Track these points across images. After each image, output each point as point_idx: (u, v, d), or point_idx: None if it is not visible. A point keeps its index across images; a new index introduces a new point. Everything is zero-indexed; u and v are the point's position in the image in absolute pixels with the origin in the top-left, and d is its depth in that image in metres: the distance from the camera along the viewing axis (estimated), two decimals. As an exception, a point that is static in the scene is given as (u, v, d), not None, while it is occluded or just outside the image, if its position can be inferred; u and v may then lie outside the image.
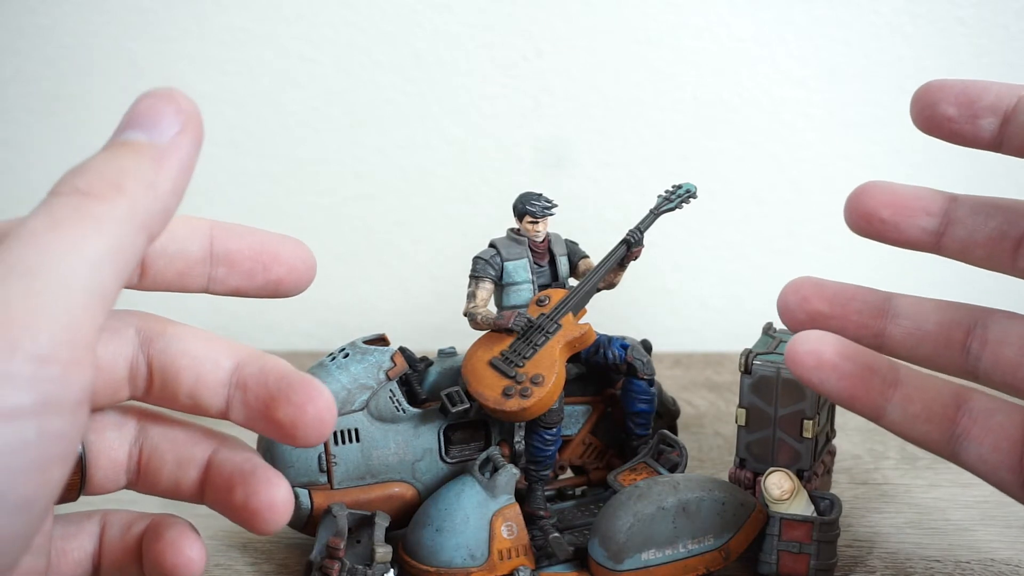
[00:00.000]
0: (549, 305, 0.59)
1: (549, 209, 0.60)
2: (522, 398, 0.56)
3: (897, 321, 0.43)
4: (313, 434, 0.36)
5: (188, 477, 0.38)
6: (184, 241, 0.38)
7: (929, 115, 0.44)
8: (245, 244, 0.39)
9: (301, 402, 0.36)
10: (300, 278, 0.41)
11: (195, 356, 0.38)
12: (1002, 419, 0.41)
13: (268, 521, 0.36)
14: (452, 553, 0.55)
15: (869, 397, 0.42)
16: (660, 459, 0.61)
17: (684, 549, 0.55)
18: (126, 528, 0.39)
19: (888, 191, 0.43)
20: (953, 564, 0.58)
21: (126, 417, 0.39)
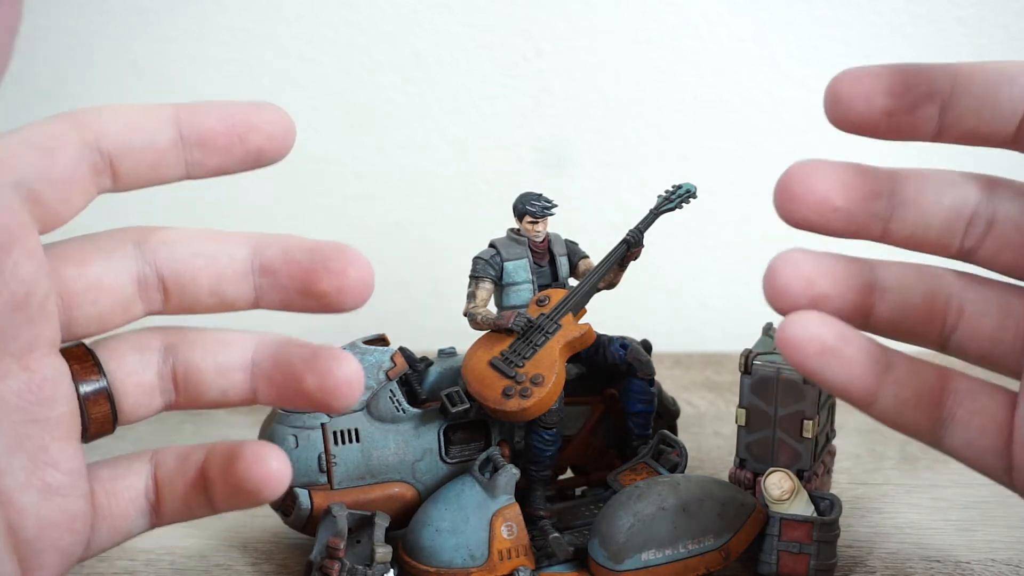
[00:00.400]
0: (549, 305, 0.59)
1: (549, 209, 0.60)
2: (522, 398, 0.56)
3: (884, 296, 0.39)
4: (360, 297, 0.36)
5: (234, 381, 0.38)
6: (149, 131, 0.37)
7: (861, 110, 0.37)
8: (215, 119, 0.38)
9: (341, 267, 0.36)
10: (281, 144, 0.39)
11: (207, 254, 0.38)
12: (986, 400, 0.39)
13: (347, 395, 0.36)
14: (452, 553, 0.55)
15: (866, 384, 0.38)
16: (660, 459, 0.61)
17: (684, 549, 0.55)
18: (183, 460, 0.39)
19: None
20: (953, 564, 0.58)
21: (146, 339, 0.39)
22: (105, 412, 0.38)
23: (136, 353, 0.38)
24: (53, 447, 0.36)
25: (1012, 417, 0.38)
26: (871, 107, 0.37)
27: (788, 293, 0.38)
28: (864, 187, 0.38)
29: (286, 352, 0.38)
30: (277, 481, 0.37)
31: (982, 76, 0.38)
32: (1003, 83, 0.37)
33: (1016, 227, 0.38)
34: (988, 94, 0.37)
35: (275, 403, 0.39)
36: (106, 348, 0.38)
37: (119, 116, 0.37)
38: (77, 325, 0.37)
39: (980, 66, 0.38)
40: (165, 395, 0.39)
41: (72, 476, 0.37)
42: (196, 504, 0.39)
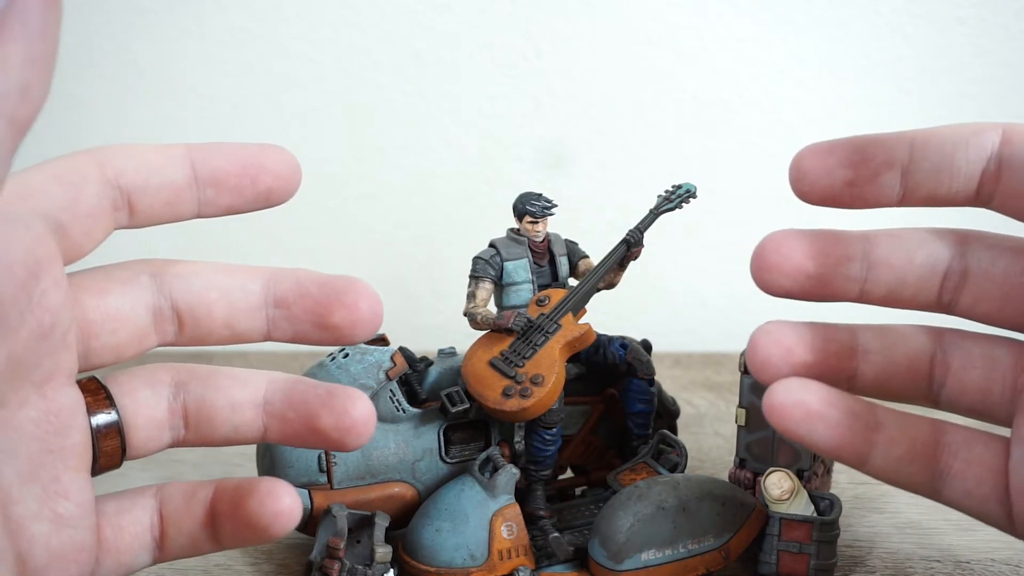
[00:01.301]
0: (549, 305, 0.59)
1: (549, 209, 0.60)
2: (522, 398, 0.56)
3: (868, 358, 0.40)
4: (370, 329, 0.38)
5: (246, 418, 0.38)
6: (164, 170, 0.38)
7: (824, 184, 0.39)
8: (228, 161, 0.39)
9: (353, 301, 0.38)
10: (288, 184, 0.40)
11: (221, 287, 0.38)
12: (981, 450, 0.39)
13: (362, 435, 0.37)
14: (452, 553, 0.55)
15: (855, 444, 0.39)
16: (660, 459, 0.61)
17: (684, 549, 0.55)
18: (189, 496, 0.39)
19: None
20: (953, 564, 0.58)
21: (158, 374, 0.39)
22: (115, 445, 0.38)
23: (148, 388, 0.39)
24: (66, 477, 0.36)
25: (1007, 465, 0.39)
26: (833, 180, 0.39)
27: (770, 364, 0.39)
28: (837, 252, 0.39)
29: (300, 391, 0.39)
30: (289, 517, 0.38)
31: (938, 141, 0.39)
32: (959, 146, 0.39)
33: (990, 279, 0.39)
34: (945, 158, 0.39)
35: (286, 441, 0.39)
36: (117, 382, 0.39)
37: (137, 155, 0.38)
38: (94, 355, 0.38)
39: (935, 131, 0.39)
40: (174, 431, 0.39)
41: (82, 508, 0.37)
42: (202, 540, 0.39)
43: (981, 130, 0.39)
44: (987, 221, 0.41)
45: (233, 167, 0.39)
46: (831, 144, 0.39)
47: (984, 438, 0.40)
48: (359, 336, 0.38)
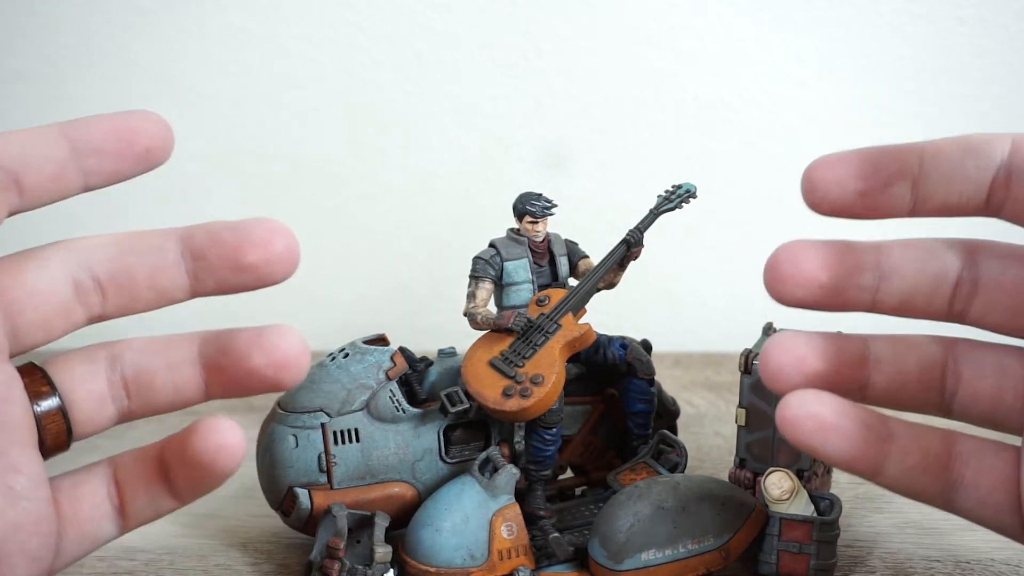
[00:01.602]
0: (549, 305, 0.59)
1: (549, 209, 0.60)
2: (522, 398, 0.56)
3: (879, 368, 0.40)
4: (288, 266, 0.38)
5: (186, 376, 0.39)
6: (42, 146, 0.38)
7: (836, 195, 0.39)
8: (102, 128, 0.39)
9: (266, 239, 0.38)
10: (164, 142, 0.41)
11: (138, 250, 0.39)
12: (993, 459, 0.39)
13: (296, 369, 0.37)
14: (452, 553, 0.55)
15: (868, 455, 0.39)
16: (660, 459, 0.61)
17: (684, 549, 0.55)
18: (141, 457, 0.39)
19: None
20: (953, 564, 0.58)
21: (93, 351, 0.40)
22: (60, 426, 0.38)
23: (84, 364, 0.39)
24: (13, 451, 0.36)
25: (1019, 474, 0.39)
26: (845, 191, 0.39)
27: (783, 374, 0.39)
28: (849, 263, 0.39)
29: (230, 337, 0.39)
30: (232, 451, 0.37)
31: (948, 151, 0.39)
32: (968, 156, 0.38)
33: (1000, 288, 0.39)
34: (956, 168, 0.38)
35: (229, 393, 0.39)
36: (54, 363, 0.39)
37: (12, 137, 0.38)
38: (23, 333, 0.38)
39: (946, 142, 0.39)
40: (117, 402, 0.39)
41: (34, 480, 0.37)
42: (159, 497, 0.39)
43: (991, 140, 0.39)
44: (997, 231, 0.41)
45: (108, 133, 0.39)
46: (842, 155, 0.39)
47: (995, 447, 0.40)
48: (278, 274, 0.38)
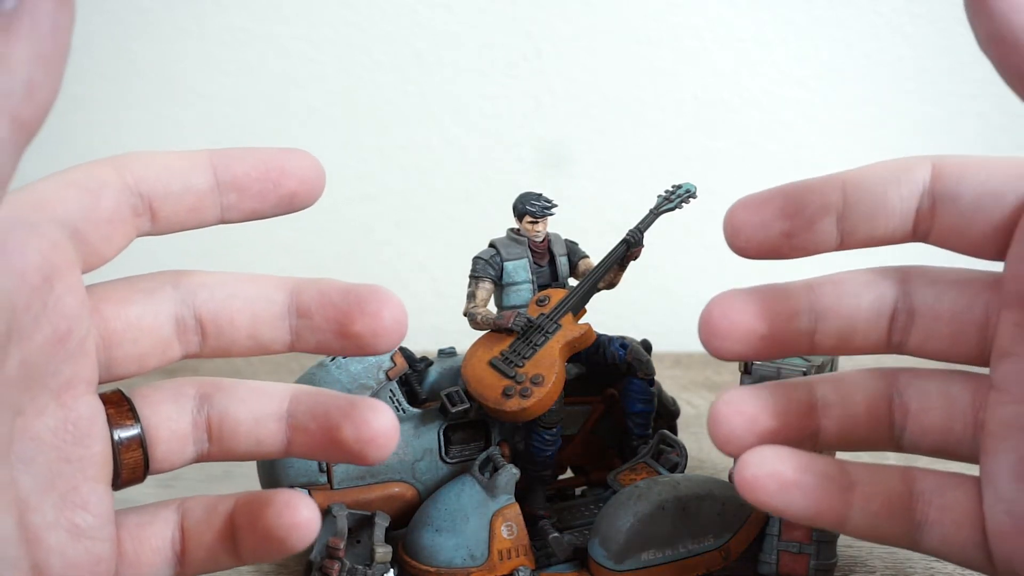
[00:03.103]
0: (549, 305, 0.59)
1: (549, 209, 0.60)
2: (522, 398, 0.56)
3: (828, 412, 0.39)
4: (394, 339, 0.37)
5: (269, 431, 0.38)
6: (186, 175, 0.38)
7: (761, 238, 0.38)
8: (250, 165, 0.38)
9: (376, 309, 0.37)
10: (312, 188, 0.40)
11: (245, 296, 0.38)
12: (954, 495, 0.38)
13: (384, 447, 0.37)
14: (452, 553, 0.55)
15: (832, 508, 0.38)
16: (660, 459, 0.61)
17: (684, 549, 0.55)
18: (211, 510, 0.39)
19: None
20: (953, 564, 0.58)
21: (182, 387, 0.39)
22: (137, 459, 0.37)
23: (171, 402, 0.38)
24: (84, 488, 0.36)
25: (980, 508, 0.38)
26: (770, 233, 0.38)
27: (735, 437, 0.38)
28: (783, 309, 0.39)
29: (322, 402, 0.38)
30: (307, 529, 0.37)
31: (869, 182, 0.38)
32: (890, 185, 0.38)
33: (937, 315, 0.39)
34: (878, 199, 0.38)
35: (309, 454, 0.39)
36: (141, 394, 0.38)
37: (158, 161, 0.38)
38: (116, 365, 0.37)
39: (866, 171, 0.39)
40: (198, 444, 0.39)
41: (100, 519, 0.36)
42: (222, 554, 0.39)
43: (911, 166, 0.38)
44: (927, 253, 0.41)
45: (256, 171, 0.38)
46: (763, 196, 0.38)
47: (956, 481, 0.39)
48: (382, 346, 0.37)
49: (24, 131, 0.29)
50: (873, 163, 0.39)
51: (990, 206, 0.37)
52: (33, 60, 0.29)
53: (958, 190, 0.37)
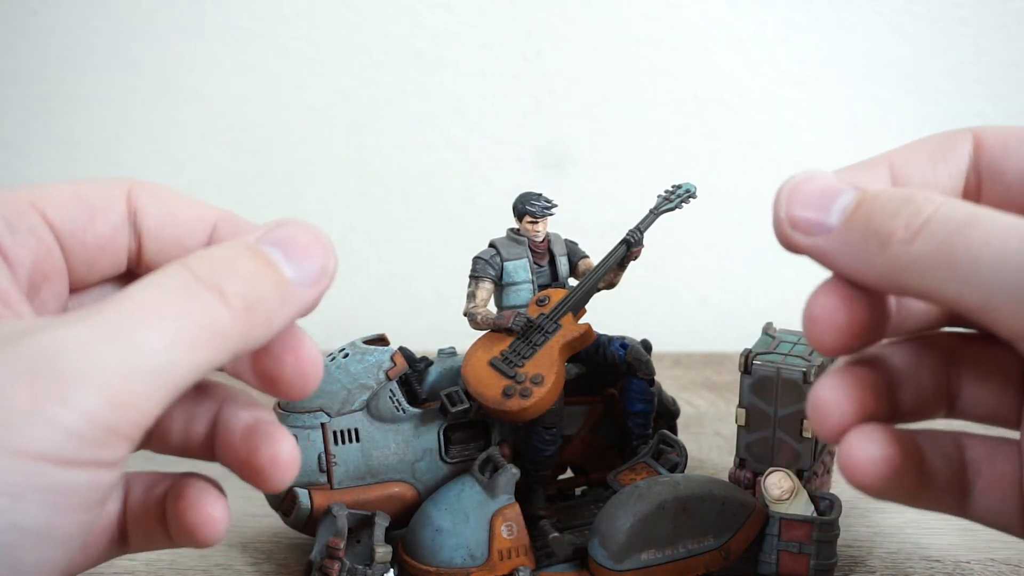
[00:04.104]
0: (549, 305, 0.59)
1: (549, 209, 0.60)
2: (522, 398, 0.56)
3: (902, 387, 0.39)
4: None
5: (196, 433, 0.38)
6: (184, 227, 0.37)
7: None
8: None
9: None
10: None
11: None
12: (1003, 465, 0.38)
13: (272, 477, 0.36)
14: (452, 553, 0.55)
15: (909, 486, 0.38)
16: (660, 459, 0.61)
17: (684, 549, 0.55)
18: (149, 488, 0.38)
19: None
20: (953, 564, 0.58)
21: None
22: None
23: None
24: None
25: (1021, 475, 0.38)
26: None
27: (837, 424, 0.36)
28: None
29: (245, 417, 0.37)
30: (212, 528, 0.36)
31: (918, 161, 0.38)
32: (938, 162, 0.38)
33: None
34: (927, 177, 0.38)
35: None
36: None
37: (166, 202, 0.37)
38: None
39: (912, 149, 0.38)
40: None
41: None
42: (158, 536, 0.38)
43: (955, 142, 0.38)
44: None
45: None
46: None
47: (1005, 450, 0.38)
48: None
49: (227, 360, 0.32)
50: (916, 141, 0.39)
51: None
52: (277, 328, 0.32)
53: (1003, 165, 0.37)
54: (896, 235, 0.32)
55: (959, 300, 0.32)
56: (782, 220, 0.35)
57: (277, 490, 0.37)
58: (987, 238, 0.31)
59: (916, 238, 0.32)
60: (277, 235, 0.34)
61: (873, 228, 0.33)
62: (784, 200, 0.35)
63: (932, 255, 0.32)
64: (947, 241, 0.31)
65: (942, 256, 0.32)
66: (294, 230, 0.34)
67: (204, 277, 0.31)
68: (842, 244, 0.34)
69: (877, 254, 0.33)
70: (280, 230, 0.34)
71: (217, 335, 0.31)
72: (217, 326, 0.31)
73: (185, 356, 0.30)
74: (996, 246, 0.31)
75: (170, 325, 0.30)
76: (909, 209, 0.33)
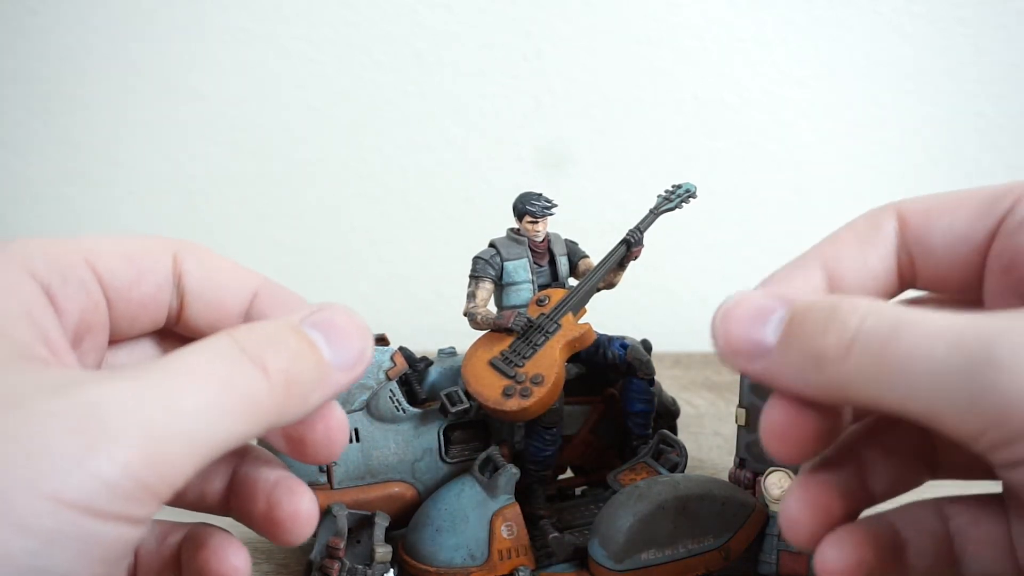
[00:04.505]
0: (549, 305, 0.59)
1: (549, 209, 0.60)
2: (522, 398, 0.56)
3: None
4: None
5: (213, 489, 0.38)
6: (227, 292, 0.38)
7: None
8: (281, 312, 0.38)
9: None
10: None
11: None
12: (988, 527, 0.38)
13: (292, 532, 0.37)
14: (452, 553, 0.55)
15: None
16: (660, 459, 0.61)
17: (684, 549, 0.55)
18: (162, 538, 0.39)
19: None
20: None
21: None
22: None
23: None
24: None
25: (1010, 535, 0.38)
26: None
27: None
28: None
29: (263, 472, 0.38)
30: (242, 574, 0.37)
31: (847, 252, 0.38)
32: (867, 247, 0.38)
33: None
34: (860, 266, 0.38)
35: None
36: None
37: (212, 265, 0.38)
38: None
39: (840, 240, 0.38)
40: None
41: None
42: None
43: (878, 222, 0.38)
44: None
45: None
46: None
47: (987, 511, 0.38)
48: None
49: (258, 433, 0.32)
50: (843, 228, 0.39)
51: (963, 249, 0.37)
52: (311, 408, 0.33)
53: (930, 239, 0.37)
54: (829, 353, 0.32)
55: (903, 410, 0.32)
56: (722, 349, 0.35)
57: (295, 543, 0.38)
58: (915, 347, 0.31)
59: (848, 355, 0.32)
60: (319, 318, 0.34)
61: (807, 348, 0.33)
62: (719, 329, 0.35)
63: (867, 370, 0.32)
64: (879, 355, 0.31)
65: (877, 370, 0.31)
66: (335, 315, 0.35)
67: (250, 350, 0.32)
68: (781, 365, 0.34)
69: (815, 373, 0.33)
70: (322, 314, 0.35)
71: (256, 407, 0.32)
72: (257, 398, 0.32)
73: (224, 424, 0.31)
74: (925, 355, 0.31)
75: (213, 392, 0.31)
76: (836, 324, 0.32)
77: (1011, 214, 0.36)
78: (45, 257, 0.34)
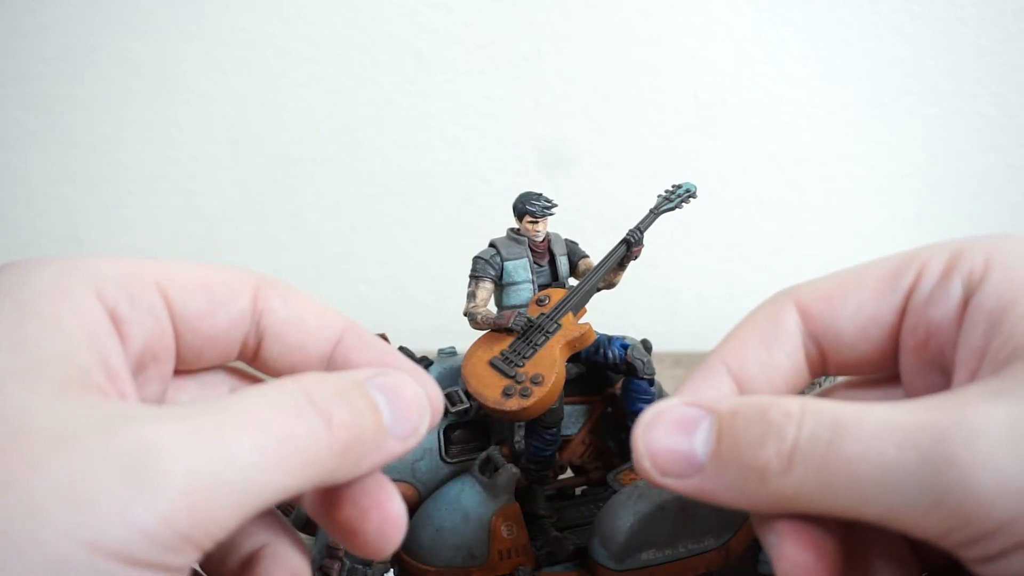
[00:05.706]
0: (549, 305, 0.59)
1: (549, 209, 0.60)
2: (522, 398, 0.56)
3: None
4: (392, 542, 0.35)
5: (229, 563, 0.37)
6: (311, 335, 0.37)
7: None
8: (366, 359, 0.36)
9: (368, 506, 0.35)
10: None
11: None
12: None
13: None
14: (452, 553, 0.55)
15: None
16: (660, 459, 0.61)
17: (684, 549, 0.55)
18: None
19: None
20: (953, 564, 0.58)
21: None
22: None
23: None
24: None
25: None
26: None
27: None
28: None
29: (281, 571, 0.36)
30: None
31: (752, 356, 0.37)
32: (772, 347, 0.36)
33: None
34: (765, 363, 0.37)
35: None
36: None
37: (293, 303, 0.36)
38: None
39: (741, 343, 0.37)
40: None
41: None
42: None
43: (778, 319, 0.37)
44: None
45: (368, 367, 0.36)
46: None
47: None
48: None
49: (308, 487, 0.31)
50: (739, 326, 0.38)
51: (873, 332, 0.36)
52: (365, 470, 0.33)
53: (837, 325, 0.36)
54: (771, 467, 0.31)
55: (860, 515, 0.30)
56: (648, 470, 0.34)
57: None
58: (864, 451, 0.29)
59: (791, 467, 0.30)
60: (386, 382, 0.33)
61: (745, 462, 0.31)
62: (641, 446, 0.33)
63: (814, 481, 0.30)
64: (823, 465, 0.30)
65: (824, 478, 0.30)
66: (402, 383, 0.34)
67: (318, 401, 0.31)
68: (718, 482, 0.32)
69: (759, 487, 0.31)
70: (389, 378, 0.34)
71: (311, 461, 0.30)
72: (315, 452, 0.30)
73: (276, 476, 0.29)
74: (875, 459, 0.29)
75: (271, 443, 0.29)
76: (772, 435, 0.31)
77: (916, 289, 0.35)
78: (115, 278, 0.33)
